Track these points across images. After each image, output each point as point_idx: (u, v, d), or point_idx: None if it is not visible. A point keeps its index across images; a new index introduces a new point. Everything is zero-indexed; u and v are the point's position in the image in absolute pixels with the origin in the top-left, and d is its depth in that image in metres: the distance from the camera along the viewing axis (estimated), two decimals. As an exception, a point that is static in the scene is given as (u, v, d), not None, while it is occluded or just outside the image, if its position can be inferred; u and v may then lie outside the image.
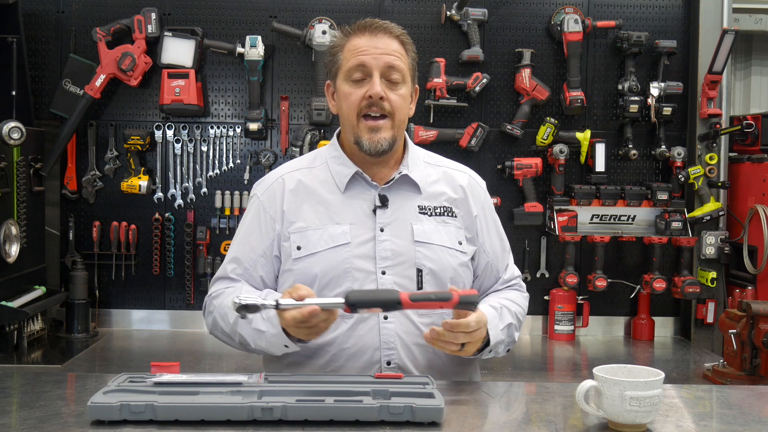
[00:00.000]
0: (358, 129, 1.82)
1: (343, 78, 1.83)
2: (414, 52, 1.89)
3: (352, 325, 1.79)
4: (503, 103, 3.60)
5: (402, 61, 1.82)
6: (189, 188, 3.53)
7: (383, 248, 1.81)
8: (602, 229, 3.56)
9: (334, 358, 1.79)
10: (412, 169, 1.89)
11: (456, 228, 1.88)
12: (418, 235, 1.83)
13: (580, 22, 3.47)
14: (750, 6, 4.23)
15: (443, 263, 1.83)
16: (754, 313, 2.67)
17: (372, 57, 1.79)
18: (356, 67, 1.80)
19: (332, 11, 3.51)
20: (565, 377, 3.07)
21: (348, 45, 1.83)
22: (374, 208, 1.84)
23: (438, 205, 1.89)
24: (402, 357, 1.79)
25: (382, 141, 1.81)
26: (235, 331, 1.79)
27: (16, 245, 3.01)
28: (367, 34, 1.82)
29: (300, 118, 3.56)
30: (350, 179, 1.86)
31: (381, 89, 1.78)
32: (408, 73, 1.85)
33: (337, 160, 1.89)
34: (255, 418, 1.40)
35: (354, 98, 1.80)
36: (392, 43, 1.82)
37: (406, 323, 1.80)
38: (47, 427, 1.40)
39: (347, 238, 1.81)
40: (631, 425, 1.43)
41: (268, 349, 1.76)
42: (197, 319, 3.55)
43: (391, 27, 1.85)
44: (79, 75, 3.44)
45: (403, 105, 1.84)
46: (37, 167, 3.25)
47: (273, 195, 1.89)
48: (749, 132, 3.54)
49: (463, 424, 1.46)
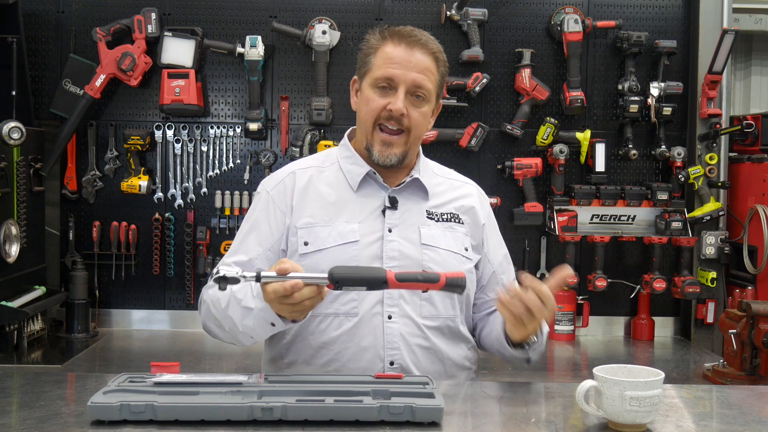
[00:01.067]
0: (372, 138, 1.83)
1: (370, 83, 1.83)
2: (446, 69, 1.89)
3: (355, 323, 1.78)
4: (503, 103, 3.60)
5: (431, 80, 1.82)
6: (189, 188, 3.53)
7: (390, 248, 1.82)
8: (602, 229, 3.56)
9: (337, 357, 1.78)
10: (424, 175, 1.92)
11: (463, 234, 1.90)
12: (426, 238, 1.85)
13: (580, 22, 3.47)
14: (750, 6, 4.23)
15: (449, 267, 1.82)
16: (754, 313, 2.67)
17: (402, 72, 1.79)
18: (384, 78, 1.80)
19: (332, 11, 3.51)
20: (565, 377, 3.07)
21: (381, 51, 1.82)
22: (384, 208, 1.85)
23: (445, 211, 1.91)
24: (405, 358, 1.78)
25: (392, 156, 1.82)
26: (226, 315, 1.73)
27: (16, 245, 3.01)
28: (404, 45, 1.80)
29: (300, 118, 3.56)
30: (363, 179, 1.87)
31: (403, 106, 1.78)
32: (434, 91, 1.85)
33: (349, 160, 1.90)
34: (255, 418, 1.40)
35: (374, 106, 1.81)
36: (426, 59, 1.81)
37: (410, 324, 1.80)
38: (47, 427, 1.40)
39: (356, 236, 1.81)
40: (631, 425, 1.43)
41: (254, 330, 1.70)
42: (197, 319, 3.49)
43: (429, 42, 1.84)
44: (79, 75, 3.44)
45: (422, 122, 1.84)
46: (37, 167, 3.25)
47: (284, 189, 1.88)
48: (749, 132, 3.54)
49: (463, 424, 1.46)
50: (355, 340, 1.78)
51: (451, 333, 1.87)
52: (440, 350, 1.84)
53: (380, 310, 1.79)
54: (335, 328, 1.78)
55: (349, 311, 1.78)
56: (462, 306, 1.89)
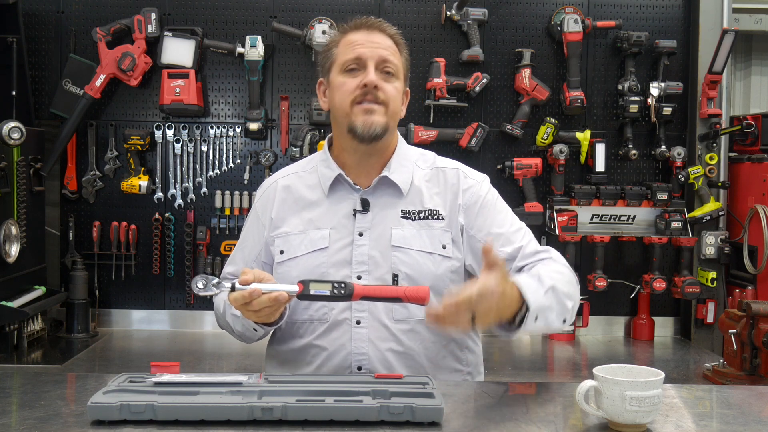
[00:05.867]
0: (352, 114, 1.79)
1: (338, 70, 1.83)
2: (407, 54, 1.90)
3: (326, 329, 1.81)
4: (503, 103, 3.60)
5: (396, 57, 1.84)
6: (189, 188, 3.53)
7: (360, 253, 1.81)
8: (602, 229, 3.56)
9: (311, 361, 1.82)
10: (397, 171, 1.86)
11: (441, 231, 1.84)
12: (396, 240, 1.81)
13: (580, 22, 3.47)
14: (750, 6, 4.23)
15: (422, 269, 1.80)
16: (754, 313, 2.67)
17: (368, 50, 1.81)
18: (352, 60, 1.81)
19: (332, 11, 3.51)
20: (565, 377, 3.07)
21: (343, 40, 1.85)
22: (354, 212, 1.84)
23: (422, 208, 1.85)
24: (374, 363, 1.78)
25: (376, 124, 1.78)
26: (226, 321, 1.86)
27: (16, 245, 3.01)
28: (363, 30, 1.84)
29: (300, 118, 3.56)
30: (333, 182, 1.86)
31: (376, 78, 1.79)
32: (401, 70, 1.86)
33: (324, 163, 1.90)
34: (255, 418, 1.40)
35: (348, 87, 1.80)
36: (386, 40, 1.84)
37: (380, 329, 1.79)
38: (47, 427, 1.40)
39: (325, 243, 1.82)
40: (631, 425, 1.43)
41: (244, 334, 1.81)
42: (197, 319, 3.56)
43: (385, 26, 1.87)
44: (79, 75, 3.44)
45: (397, 97, 1.83)
46: (37, 167, 3.25)
47: (266, 201, 1.93)
48: (749, 132, 3.54)
49: (463, 424, 1.46)
50: (326, 343, 1.80)
51: (432, 335, 1.81)
52: (418, 354, 1.80)
53: (349, 316, 1.79)
54: (309, 333, 1.82)
55: (321, 317, 1.81)
56: None
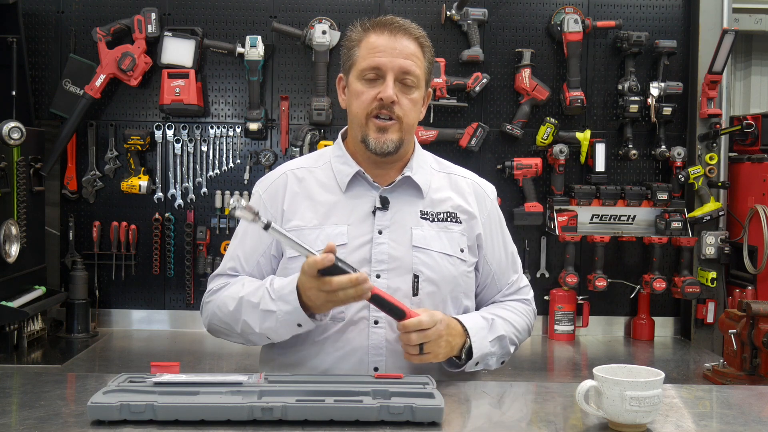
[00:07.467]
0: (367, 128, 1.79)
1: (357, 75, 1.80)
2: (432, 54, 1.86)
3: (341, 327, 1.77)
4: (503, 103, 3.60)
5: (418, 65, 1.79)
6: (189, 188, 3.53)
7: (380, 251, 1.79)
8: (602, 229, 3.56)
9: (324, 360, 1.77)
10: (417, 173, 1.86)
11: (459, 234, 1.85)
12: (417, 241, 1.80)
13: (580, 22, 3.47)
14: (750, 6, 4.23)
15: (442, 271, 1.80)
16: (754, 313, 2.67)
17: (388, 59, 1.76)
18: (371, 68, 1.77)
19: (332, 11, 3.51)
20: (565, 377, 3.07)
21: (365, 42, 1.80)
22: (374, 209, 1.82)
23: (441, 210, 1.85)
24: (390, 364, 1.76)
25: (389, 142, 1.78)
26: (238, 318, 1.75)
27: (16, 245, 3.01)
28: (387, 33, 1.78)
29: (300, 118, 3.56)
30: (352, 179, 1.83)
31: (393, 93, 1.75)
32: (422, 77, 1.82)
33: (340, 159, 1.87)
34: (255, 418, 1.40)
35: (365, 98, 1.77)
36: (411, 45, 1.79)
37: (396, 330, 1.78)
38: (47, 427, 1.40)
39: (344, 239, 1.78)
40: (631, 425, 1.43)
41: (276, 331, 1.71)
42: (197, 319, 3.54)
43: (411, 28, 1.81)
44: (79, 75, 3.44)
45: (413, 110, 1.81)
46: (37, 167, 3.25)
47: (275, 192, 1.87)
48: (749, 132, 3.54)
49: (463, 424, 1.46)
50: (340, 344, 1.77)
51: None
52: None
53: (366, 315, 1.77)
54: (322, 331, 1.76)
55: (335, 315, 1.76)
56: (459, 311, 1.84)
